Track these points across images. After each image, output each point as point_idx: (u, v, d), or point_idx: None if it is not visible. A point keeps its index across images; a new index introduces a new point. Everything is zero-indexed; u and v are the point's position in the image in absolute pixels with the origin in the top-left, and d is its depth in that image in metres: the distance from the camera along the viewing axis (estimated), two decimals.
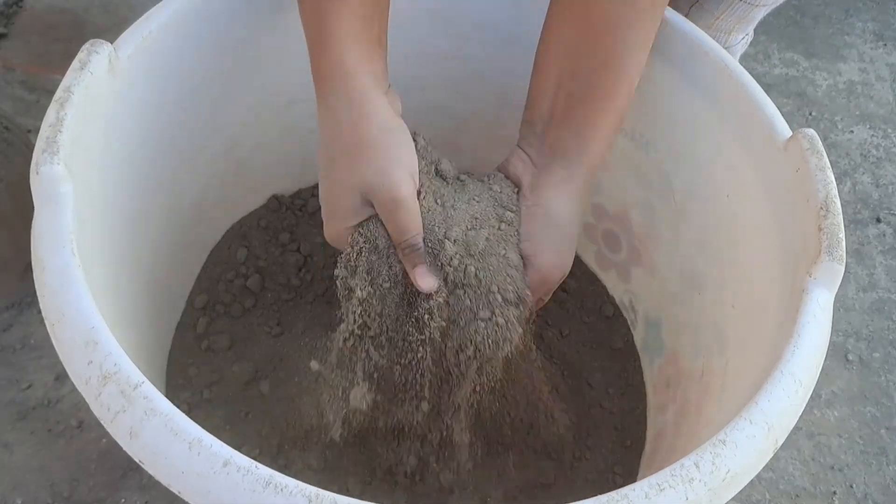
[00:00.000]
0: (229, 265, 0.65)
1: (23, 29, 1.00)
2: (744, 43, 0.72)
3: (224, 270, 0.65)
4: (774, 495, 0.71)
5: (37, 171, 0.38)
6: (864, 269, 0.90)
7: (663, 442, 0.56)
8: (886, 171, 1.01)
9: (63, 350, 0.34)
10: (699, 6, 0.66)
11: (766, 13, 0.67)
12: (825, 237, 0.40)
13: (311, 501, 0.29)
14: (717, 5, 0.65)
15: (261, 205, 0.69)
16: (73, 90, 0.41)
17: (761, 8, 0.65)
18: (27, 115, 0.90)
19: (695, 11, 0.66)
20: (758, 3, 0.64)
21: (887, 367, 0.81)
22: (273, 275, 0.65)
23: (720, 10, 0.65)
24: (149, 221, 0.53)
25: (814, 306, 0.38)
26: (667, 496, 0.31)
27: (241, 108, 0.59)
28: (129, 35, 0.46)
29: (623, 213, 0.64)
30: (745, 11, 0.65)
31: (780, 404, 0.35)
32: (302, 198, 0.70)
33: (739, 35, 0.70)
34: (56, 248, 0.36)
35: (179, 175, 0.56)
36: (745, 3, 0.64)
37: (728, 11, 0.65)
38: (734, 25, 0.67)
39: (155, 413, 0.31)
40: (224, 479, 0.29)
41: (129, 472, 0.64)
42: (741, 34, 0.70)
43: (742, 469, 0.33)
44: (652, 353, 0.63)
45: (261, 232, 0.67)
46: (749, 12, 0.65)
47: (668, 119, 0.55)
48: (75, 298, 0.34)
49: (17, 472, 0.64)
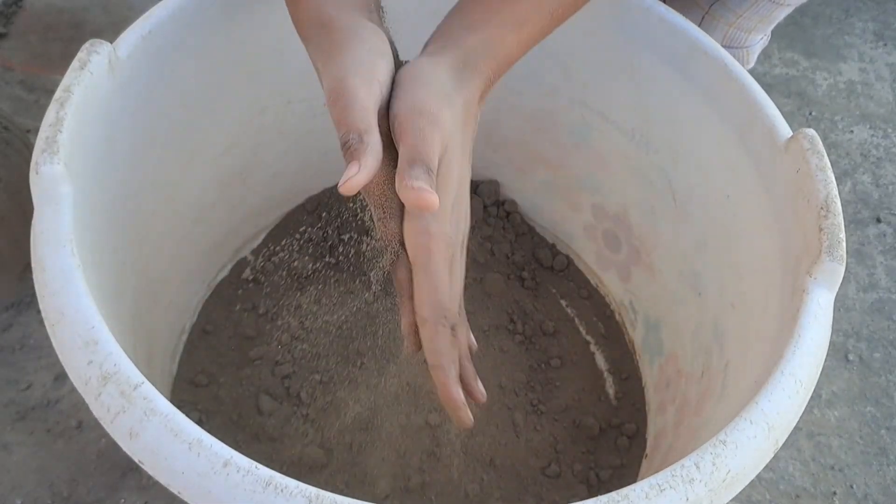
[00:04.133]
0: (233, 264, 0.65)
1: (22, 29, 1.00)
2: (762, 43, 0.70)
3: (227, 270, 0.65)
4: (775, 495, 0.71)
5: (36, 171, 0.37)
6: (865, 269, 0.90)
7: (663, 442, 0.56)
8: (886, 170, 1.01)
9: (63, 350, 0.33)
10: (721, 3, 0.65)
11: (789, 13, 0.65)
12: (825, 237, 0.40)
13: (311, 502, 0.29)
14: (740, 3, 0.64)
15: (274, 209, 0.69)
16: (73, 90, 0.41)
17: (786, 7, 0.64)
18: (26, 114, 0.90)
19: (717, 9, 0.65)
20: (783, 3, 0.63)
21: (887, 367, 0.81)
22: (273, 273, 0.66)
23: (743, 7, 0.64)
24: (149, 221, 0.53)
25: (814, 306, 0.38)
26: (667, 496, 0.31)
27: (240, 107, 0.59)
28: (128, 35, 0.46)
29: (623, 213, 0.64)
30: (768, 10, 0.64)
31: (781, 404, 0.35)
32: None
33: (759, 35, 0.68)
34: (56, 248, 0.35)
35: (179, 175, 0.56)
36: (770, 1, 0.63)
37: (752, 10, 0.64)
38: (756, 24, 0.66)
39: (155, 413, 0.31)
40: (224, 480, 0.29)
41: (129, 473, 0.64)
42: (761, 34, 0.68)
43: (742, 469, 0.33)
44: (652, 353, 0.63)
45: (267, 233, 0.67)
46: (773, 11, 0.64)
47: (668, 119, 0.55)
48: (75, 298, 0.34)
49: (16, 473, 0.64)
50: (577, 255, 0.71)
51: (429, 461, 0.54)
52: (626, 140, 0.59)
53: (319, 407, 0.56)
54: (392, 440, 0.54)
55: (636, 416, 0.62)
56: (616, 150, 0.61)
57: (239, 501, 0.29)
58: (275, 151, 0.65)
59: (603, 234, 0.67)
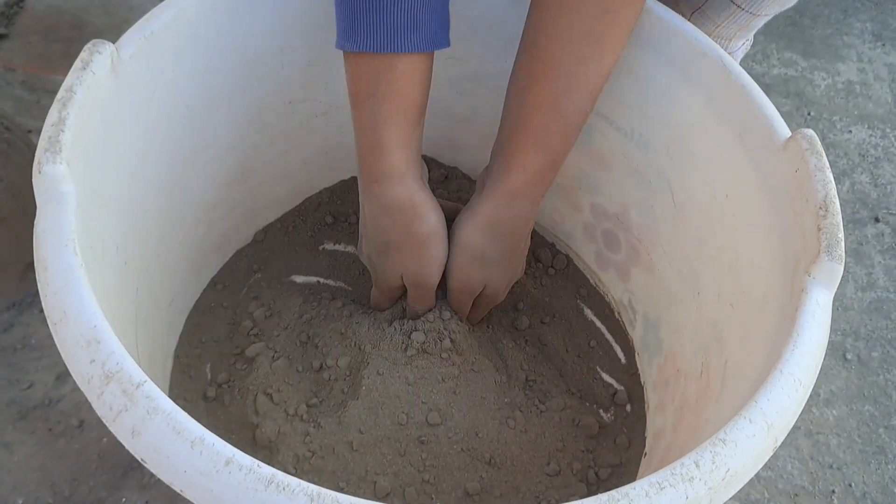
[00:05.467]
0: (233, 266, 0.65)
1: (23, 29, 1.00)
2: (744, 49, 0.73)
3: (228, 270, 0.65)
4: (773, 494, 0.71)
5: (39, 171, 0.38)
6: (863, 269, 0.90)
7: (662, 441, 0.56)
8: (885, 170, 1.01)
9: (65, 349, 0.34)
10: (701, 13, 0.67)
11: (768, 20, 0.67)
12: (824, 237, 0.40)
13: (312, 500, 0.29)
14: (718, 13, 0.66)
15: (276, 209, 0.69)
16: (76, 90, 0.41)
17: (762, 17, 0.66)
18: (28, 115, 0.90)
19: (697, 17, 0.67)
20: (759, 13, 0.65)
21: (886, 367, 0.81)
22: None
23: (722, 18, 0.66)
24: (150, 221, 0.53)
25: (813, 305, 0.39)
26: (667, 495, 0.31)
27: (241, 108, 0.59)
28: (130, 35, 0.47)
29: (622, 212, 0.64)
30: (746, 20, 0.66)
31: (780, 403, 0.35)
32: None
33: (740, 41, 0.71)
34: (58, 248, 0.36)
35: (181, 175, 0.56)
36: (746, 12, 0.65)
37: (730, 20, 0.66)
38: (735, 32, 0.68)
39: (157, 412, 0.31)
40: (226, 478, 0.29)
41: (130, 472, 0.65)
42: (741, 40, 0.70)
43: (741, 468, 0.33)
44: (651, 352, 0.63)
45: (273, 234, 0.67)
46: (750, 21, 0.66)
47: (667, 119, 0.55)
48: (77, 298, 0.34)
49: (17, 472, 0.64)
50: (576, 255, 0.71)
51: (429, 459, 0.54)
52: (625, 140, 0.60)
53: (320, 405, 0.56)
54: (392, 439, 0.54)
55: (635, 416, 0.62)
56: (616, 150, 0.61)
57: (241, 499, 0.29)
58: (275, 152, 0.65)
59: (602, 233, 0.67)
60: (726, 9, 0.65)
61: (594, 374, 0.64)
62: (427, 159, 0.74)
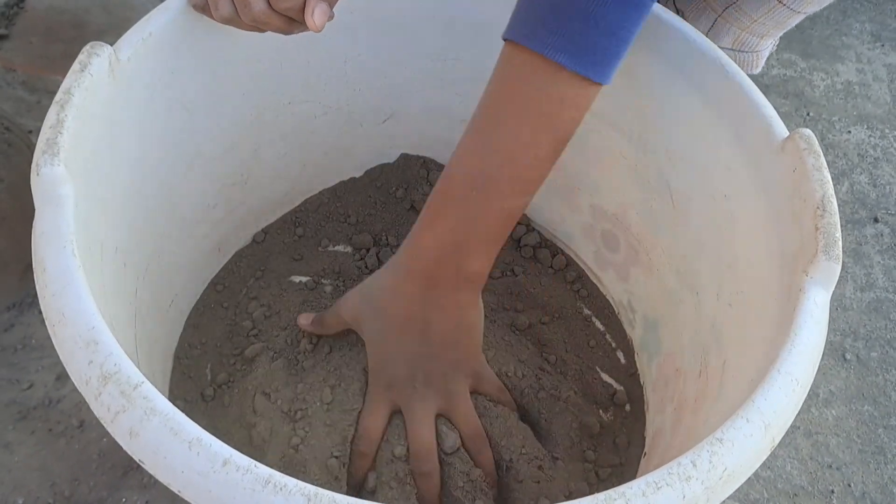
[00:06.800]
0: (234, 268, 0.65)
1: (23, 30, 1.00)
2: (770, 48, 0.70)
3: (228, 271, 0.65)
4: (773, 494, 0.71)
5: (37, 172, 0.38)
6: (862, 269, 0.90)
7: (661, 441, 0.56)
8: (884, 171, 1.01)
9: (63, 350, 0.34)
10: (736, 7, 0.64)
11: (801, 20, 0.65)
12: (822, 236, 0.40)
13: (309, 500, 0.29)
14: (756, 8, 0.63)
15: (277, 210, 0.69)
16: (74, 92, 0.41)
17: (800, 15, 0.63)
18: (28, 115, 0.90)
19: (731, 12, 0.64)
20: (800, 10, 0.62)
21: (885, 367, 0.81)
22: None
23: (759, 13, 0.63)
24: (150, 222, 0.53)
25: (810, 305, 0.39)
26: (664, 494, 0.31)
27: (241, 109, 0.59)
28: (129, 37, 0.47)
29: (621, 213, 0.64)
30: (784, 17, 0.63)
31: (778, 403, 0.35)
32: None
33: (770, 40, 0.68)
34: (57, 249, 0.36)
35: (180, 176, 0.56)
36: (787, 8, 0.62)
37: (768, 15, 0.63)
38: (769, 30, 0.66)
39: (155, 413, 0.31)
40: (224, 478, 0.29)
41: (130, 472, 0.65)
42: (771, 39, 0.68)
43: (739, 467, 0.33)
44: (650, 352, 0.63)
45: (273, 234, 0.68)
46: (788, 18, 0.63)
47: (666, 119, 0.55)
48: (76, 299, 0.34)
49: (17, 472, 0.64)
50: (576, 255, 0.71)
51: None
52: (624, 140, 0.60)
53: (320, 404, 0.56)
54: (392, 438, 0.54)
55: (634, 415, 0.62)
56: (614, 150, 0.61)
57: (238, 499, 0.29)
58: (275, 152, 0.65)
59: (601, 234, 0.67)
60: (765, 3, 0.62)
61: (594, 374, 0.64)
62: (427, 159, 0.74)
